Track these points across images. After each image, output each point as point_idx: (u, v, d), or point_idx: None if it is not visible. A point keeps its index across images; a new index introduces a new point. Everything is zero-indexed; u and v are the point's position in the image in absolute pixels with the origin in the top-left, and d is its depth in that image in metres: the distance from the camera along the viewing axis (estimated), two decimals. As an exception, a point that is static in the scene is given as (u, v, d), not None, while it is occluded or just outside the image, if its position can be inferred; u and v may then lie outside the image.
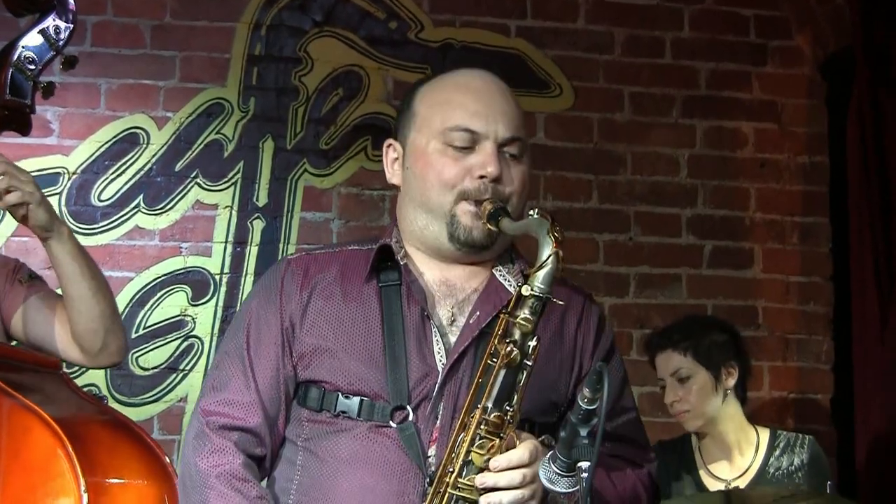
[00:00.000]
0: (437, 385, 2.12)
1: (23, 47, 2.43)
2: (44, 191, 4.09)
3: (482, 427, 2.00)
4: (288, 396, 2.20)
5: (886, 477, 3.99)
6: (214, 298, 4.30)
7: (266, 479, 2.22)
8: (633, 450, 2.31)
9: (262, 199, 4.39)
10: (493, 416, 2.00)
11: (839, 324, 4.57)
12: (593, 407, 1.87)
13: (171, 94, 4.39)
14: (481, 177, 2.17)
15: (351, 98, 4.48)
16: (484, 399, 2.01)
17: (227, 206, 4.36)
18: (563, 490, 1.94)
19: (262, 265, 4.31)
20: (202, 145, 4.38)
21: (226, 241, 4.34)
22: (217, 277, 4.32)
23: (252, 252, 4.35)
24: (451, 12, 4.60)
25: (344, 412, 2.12)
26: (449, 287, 2.23)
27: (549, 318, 2.17)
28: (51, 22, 2.45)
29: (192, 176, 4.35)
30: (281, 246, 4.36)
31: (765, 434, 3.59)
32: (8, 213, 4.13)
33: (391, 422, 2.10)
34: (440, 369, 2.13)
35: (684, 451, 3.66)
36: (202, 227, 4.34)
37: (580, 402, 1.88)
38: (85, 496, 1.96)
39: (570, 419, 1.91)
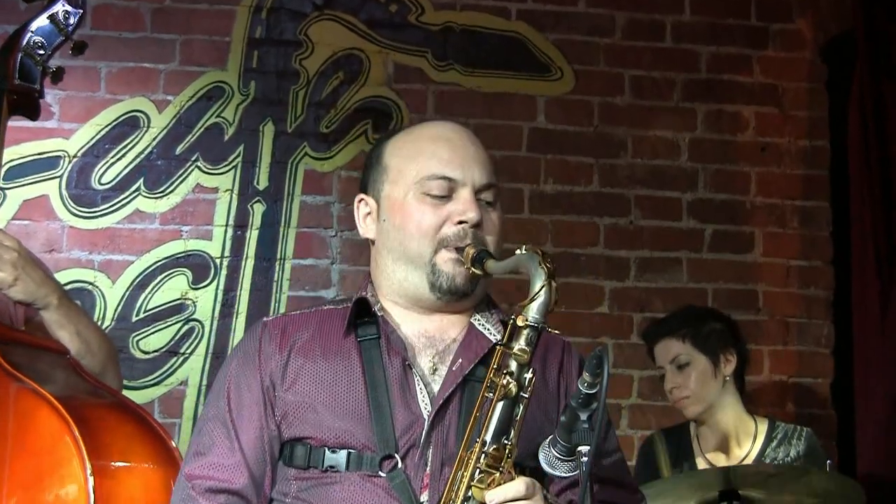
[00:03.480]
0: (423, 433, 2.09)
1: (32, 32, 2.44)
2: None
3: (482, 461, 1.96)
4: (273, 457, 2.16)
5: (887, 461, 4.01)
6: (215, 282, 4.30)
7: None
8: (620, 492, 2.27)
9: (262, 182, 4.38)
10: (491, 449, 1.96)
11: (839, 308, 4.57)
12: (594, 391, 1.87)
13: (171, 77, 4.38)
14: (461, 223, 2.16)
15: (351, 81, 4.47)
16: (482, 433, 1.97)
17: (227, 190, 4.36)
18: (563, 474, 1.93)
19: (263, 248, 4.32)
20: (202, 129, 4.37)
21: (226, 225, 4.34)
22: (217, 261, 4.32)
23: (252, 235, 4.35)
24: (451, -5, 4.59)
25: (332, 467, 2.09)
26: (428, 338, 2.20)
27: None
28: (60, 7, 2.46)
29: (192, 159, 4.34)
30: (281, 229, 4.36)
31: (763, 424, 3.61)
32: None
33: (380, 471, 2.06)
34: (426, 417, 2.10)
35: (682, 439, 3.67)
36: (203, 210, 4.34)
37: (580, 387, 1.88)
38: (91, 479, 1.96)
39: (571, 403, 1.90)
